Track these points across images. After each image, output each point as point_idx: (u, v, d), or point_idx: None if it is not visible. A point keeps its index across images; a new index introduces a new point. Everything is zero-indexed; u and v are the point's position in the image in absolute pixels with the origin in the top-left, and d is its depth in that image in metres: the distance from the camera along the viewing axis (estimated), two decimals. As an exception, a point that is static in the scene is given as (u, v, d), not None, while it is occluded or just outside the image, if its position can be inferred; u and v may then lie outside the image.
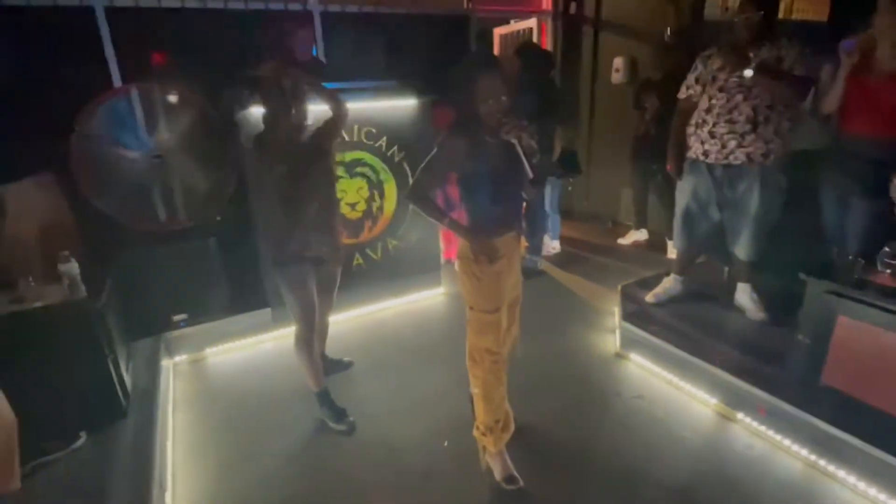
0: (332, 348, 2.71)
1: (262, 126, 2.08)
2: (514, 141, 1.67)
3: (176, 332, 2.87)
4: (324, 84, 2.20)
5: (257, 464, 2.11)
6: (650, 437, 2.16)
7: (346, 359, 2.73)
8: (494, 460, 1.93)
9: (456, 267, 1.90)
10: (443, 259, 3.81)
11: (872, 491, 1.76)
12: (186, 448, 2.22)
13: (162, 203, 2.88)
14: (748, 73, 2.23)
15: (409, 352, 2.90)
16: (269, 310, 3.06)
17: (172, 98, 2.82)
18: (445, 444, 2.15)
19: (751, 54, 2.26)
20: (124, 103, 2.77)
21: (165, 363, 2.72)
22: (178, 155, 2.86)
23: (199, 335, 2.91)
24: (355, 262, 3.27)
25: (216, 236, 2.96)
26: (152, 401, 2.32)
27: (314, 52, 3.81)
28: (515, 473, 1.90)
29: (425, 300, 3.55)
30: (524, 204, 1.87)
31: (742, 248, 2.62)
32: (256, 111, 2.68)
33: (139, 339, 2.74)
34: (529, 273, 3.54)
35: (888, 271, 1.81)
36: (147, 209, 2.86)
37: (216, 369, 2.84)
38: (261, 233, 2.82)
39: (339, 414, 2.27)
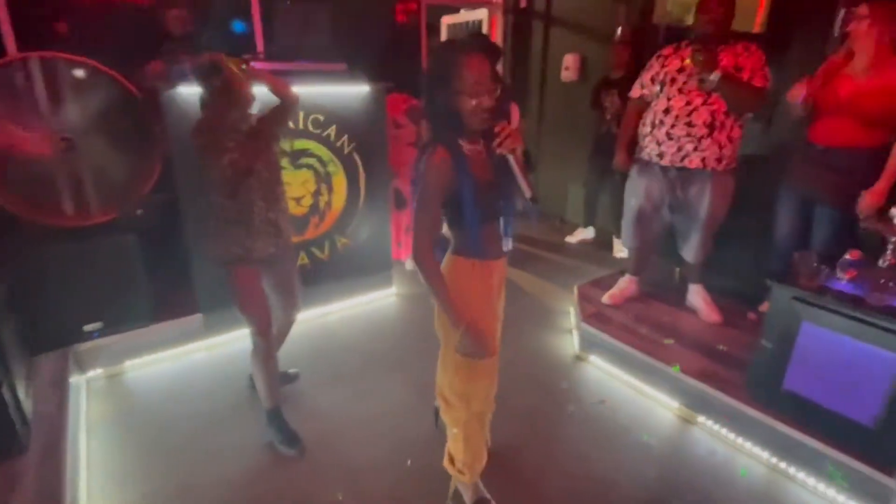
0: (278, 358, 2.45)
1: (197, 109, 1.84)
2: (508, 155, 1.35)
3: (89, 344, 2.48)
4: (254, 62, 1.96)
5: (192, 496, 1.84)
6: (615, 444, 2.12)
7: (291, 370, 2.48)
8: (466, 488, 1.78)
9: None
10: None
11: (831, 492, 1.81)
12: (104, 480, 1.90)
13: (70, 193, 2.47)
14: (714, 77, 2.22)
15: (361, 359, 2.69)
16: (200, 315, 2.73)
17: (81, 72, 2.41)
18: (409, 462, 1.99)
19: (717, 61, 2.25)
20: (21, 75, 2.33)
21: (76, 380, 2.34)
22: (89, 138, 2.46)
23: (117, 346, 2.54)
24: (300, 262, 3.00)
25: (137, 232, 2.58)
26: (59, 427, 1.97)
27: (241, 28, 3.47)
28: (487, 495, 1.77)
29: (377, 302, 3.35)
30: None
31: (691, 251, 2.66)
32: (186, 90, 2.38)
33: (42, 353, 2.35)
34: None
35: (847, 278, 1.85)
36: (51, 200, 2.44)
37: (139, 385, 2.49)
38: (195, 229, 2.50)
39: (291, 437, 2.04)
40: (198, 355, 2.71)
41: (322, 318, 3.12)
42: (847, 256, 1.86)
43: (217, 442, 2.10)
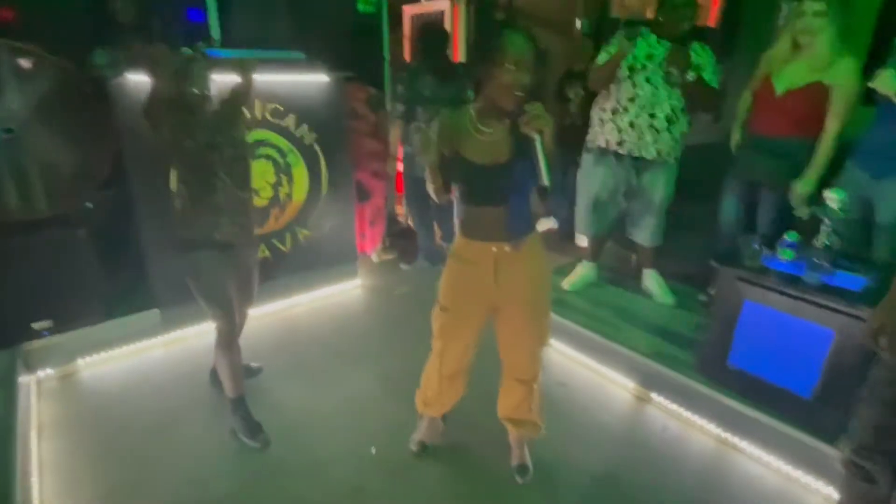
0: (238, 352, 2.42)
1: (148, 96, 1.80)
2: (536, 135, 1.34)
3: (38, 343, 2.39)
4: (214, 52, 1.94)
5: (151, 497, 1.81)
6: (575, 425, 2.19)
7: (254, 364, 2.45)
8: (420, 421, 1.97)
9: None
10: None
11: (774, 461, 1.92)
12: (59, 483, 1.84)
13: (14, 187, 2.36)
14: (690, 78, 2.30)
15: (326, 352, 2.68)
16: (157, 311, 2.67)
17: (25, 61, 2.30)
18: (373, 450, 2.00)
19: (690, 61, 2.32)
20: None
21: (25, 380, 2.26)
22: (33, 129, 2.35)
23: (68, 344, 2.45)
24: (261, 255, 2.96)
25: (88, 227, 2.49)
26: (8, 429, 1.90)
27: (200, 18, 3.37)
28: (426, 441, 1.97)
29: (341, 294, 3.33)
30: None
31: (646, 236, 2.76)
32: (135, 78, 2.31)
33: (-13, 353, 2.26)
34: (438, 259, 3.48)
35: (786, 258, 1.96)
36: (-8, 194, 2.33)
37: (92, 384, 2.41)
38: (156, 221, 2.44)
39: (254, 427, 2.02)
40: (155, 352, 2.65)
41: (286, 310, 3.09)
42: (785, 237, 1.97)
43: (176, 439, 2.06)
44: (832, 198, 1.83)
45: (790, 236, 1.98)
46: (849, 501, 1.48)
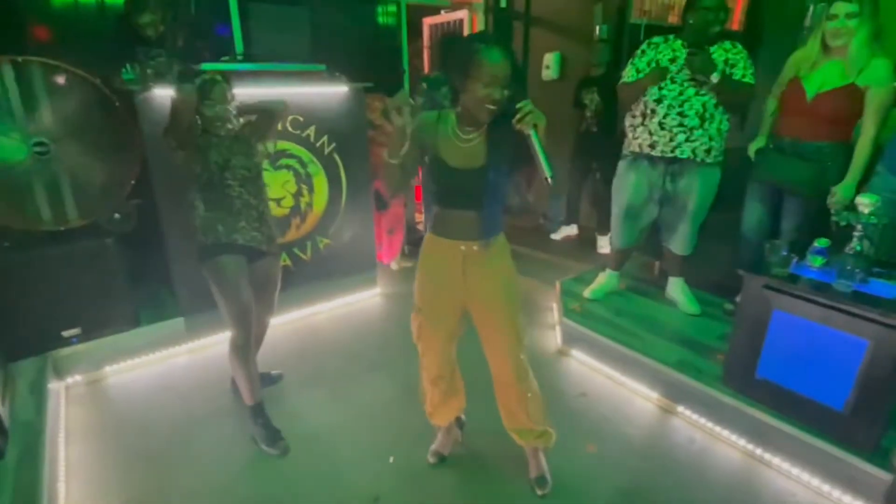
0: (259, 360, 2.42)
1: (170, 119, 1.89)
2: (531, 131, 1.33)
3: (67, 350, 2.46)
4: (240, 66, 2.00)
5: (174, 501, 1.83)
6: (597, 436, 2.14)
7: (274, 371, 2.48)
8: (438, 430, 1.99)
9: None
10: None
11: (805, 476, 1.85)
12: (84, 488, 1.88)
13: (46, 199, 2.45)
14: (714, 79, 2.25)
15: (345, 360, 2.70)
16: (181, 319, 2.72)
17: (58, 77, 2.39)
18: (391, 459, 1.99)
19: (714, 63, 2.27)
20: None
21: (54, 386, 2.32)
22: (65, 143, 2.44)
23: (96, 352, 2.52)
24: (283, 264, 2.99)
25: (116, 237, 2.56)
26: (38, 433, 1.96)
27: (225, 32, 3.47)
28: (443, 452, 1.98)
29: (361, 302, 3.35)
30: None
31: (679, 243, 2.68)
32: (161, 92, 2.38)
33: (19, 359, 2.32)
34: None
35: (816, 266, 1.89)
36: (27, 206, 2.41)
37: (119, 391, 2.47)
38: (179, 230, 2.51)
39: (273, 435, 2.03)
40: (179, 359, 2.70)
41: (306, 318, 3.12)
42: (815, 244, 1.91)
43: (199, 445, 2.09)
44: (865, 203, 1.76)
45: (820, 243, 1.91)
46: None
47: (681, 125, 2.41)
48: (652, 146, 2.51)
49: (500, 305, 1.66)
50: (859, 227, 1.80)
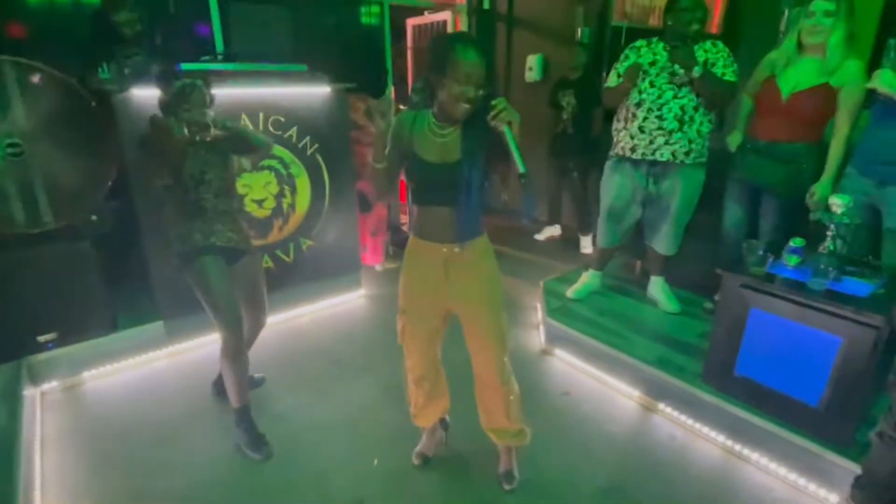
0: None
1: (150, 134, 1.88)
2: (505, 128, 1.35)
3: (42, 355, 2.40)
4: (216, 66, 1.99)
5: (153, 507, 1.80)
6: (580, 435, 2.16)
7: (256, 375, 2.45)
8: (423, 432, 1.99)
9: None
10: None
11: (783, 471, 1.89)
12: (59, 496, 1.84)
13: (20, 201, 2.39)
14: (696, 74, 2.28)
15: (329, 362, 2.68)
16: (161, 323, 2.68)
17: (32, 77, 2.34)
18: (376, 462, 1.99)
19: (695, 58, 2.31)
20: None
21: (29, 392, 2.26)
22: (39, 143, 2.38)
23: (73, 357, 2.46)
24: (264, 266, 2.97)
25: (92, 239, 2.51)
26: (12, 441, 1.91)
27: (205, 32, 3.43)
28: (427, 452, 1.98)
29: (344, 304, 3.33)
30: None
31: (662, 243, 2.72)
32: (138, 92, 2.34)
33: (-8, 366, 2.27)
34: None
35: (791, 264, 1.94)
36: (0, 208, 2.35)
37: (97, 396, 2.42)
38: (157, 230, 2.47)
39: (257, 439, 2.01)
40: (160, 363, 2.65)
41: (289, 321, 3.09)
42: (791, 243, 1.95)
43: (180, 451, 2.06)
44: (837, 203, 1.81)
45: (796, 242, 1.95)
46: (883, 472, 1.56)
47: (660, 128, 2.44)
48: (633, 149, 2.55)
49: (483, 309, 1.66)
50: (832, 226, 1.84)
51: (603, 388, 2.47)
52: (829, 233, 1.85)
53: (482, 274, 1.65)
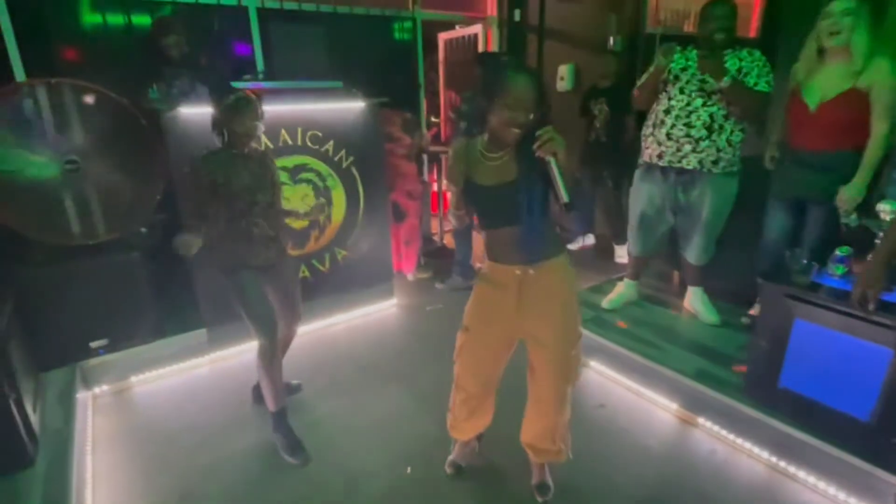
0: (279, 370, 2.49)
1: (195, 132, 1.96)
2: (550, 159, 1.34)
3: (94, 360, 2.54)
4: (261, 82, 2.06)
5: (196, 508, 1.87)
6: (615, 448, 2.12)
7: (294, 382, 2.51)
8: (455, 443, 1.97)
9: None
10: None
11: (832, 489, 1.80)
12: (110, 495, 1.93)
13: (76, 214, 2.54)
14: (724, 84, 2.25)
15: (363, 370, 2.72)
16: (204, 331, 2.78)
17: (88, 97, 2.50)
18: (408, 470, 2.00)
19: (725, 68, 2.27)
20: (28, 101, 2.41)
21: (82, 396, 2.39)
22: (94, 160, 2.53)
23: (122, 362, 2.59)
24: (302, 275, 3.05)
25: (141, 250, 2.65)
26: (66, 441, 2.02)
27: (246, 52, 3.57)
28: (460, 462, 1.97)
29: (378, 313, 3.38)
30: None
31: (693, 253, 2.67)
32: (186, 111, 2.46)
33: (50, 369, 2.41)
34: (472, 275, 3.48)
35: (838, 274, 1.87)
36: (58, 221, 2.51)
37: (144, 400, 2.53)
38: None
39: (295, 444, 2.07)
40: (202, 370, 2.76)
41: (324, 329, 3.16)
42: (837, 252, 1.88)
43: (220, 454, 2.12)
44: (885, 210, 1.74)
45: (842, 251, 1.89)
46: None
47: (687, 136, 2.41)
48: (660, 156, 2.52)
49: (552, 337, 1.60)
50: (881, 234, 1.77)
51: (639, 401, 2.42)
52: (877, 241, 1.78)
53: (556, 298, 1.58)
